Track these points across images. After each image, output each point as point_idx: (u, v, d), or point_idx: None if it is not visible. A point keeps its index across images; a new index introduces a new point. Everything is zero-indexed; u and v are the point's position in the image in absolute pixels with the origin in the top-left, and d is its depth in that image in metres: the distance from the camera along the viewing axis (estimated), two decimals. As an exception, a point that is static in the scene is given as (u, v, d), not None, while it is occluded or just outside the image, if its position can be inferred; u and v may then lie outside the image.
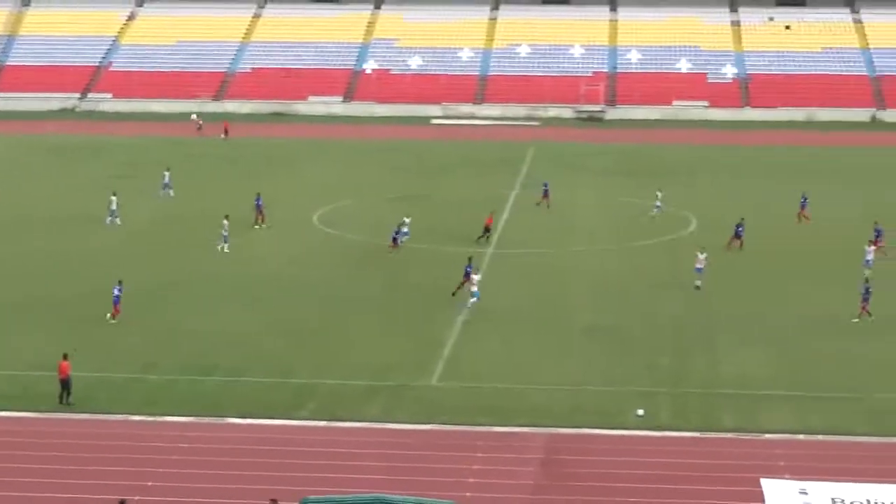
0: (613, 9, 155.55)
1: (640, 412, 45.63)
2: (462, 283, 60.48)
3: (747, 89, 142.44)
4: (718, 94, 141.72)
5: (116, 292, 57.09)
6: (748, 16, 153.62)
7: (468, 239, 73.42)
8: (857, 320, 57.83)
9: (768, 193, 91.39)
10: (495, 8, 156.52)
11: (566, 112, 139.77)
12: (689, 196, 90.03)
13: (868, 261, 66.69)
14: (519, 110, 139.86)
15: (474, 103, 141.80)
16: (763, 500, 32.95)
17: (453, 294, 60.53)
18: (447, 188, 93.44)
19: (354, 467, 40.63)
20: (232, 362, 51.41)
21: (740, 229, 72.89)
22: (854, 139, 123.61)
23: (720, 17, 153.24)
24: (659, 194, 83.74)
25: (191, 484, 39.36)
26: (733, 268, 67.74)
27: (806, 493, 32.72)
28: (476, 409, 46.16)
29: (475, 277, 59.83)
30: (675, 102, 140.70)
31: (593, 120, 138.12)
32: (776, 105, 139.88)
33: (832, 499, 32.32)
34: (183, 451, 42.08)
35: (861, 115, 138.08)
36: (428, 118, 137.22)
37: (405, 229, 72.83)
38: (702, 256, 63.89)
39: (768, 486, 33.72)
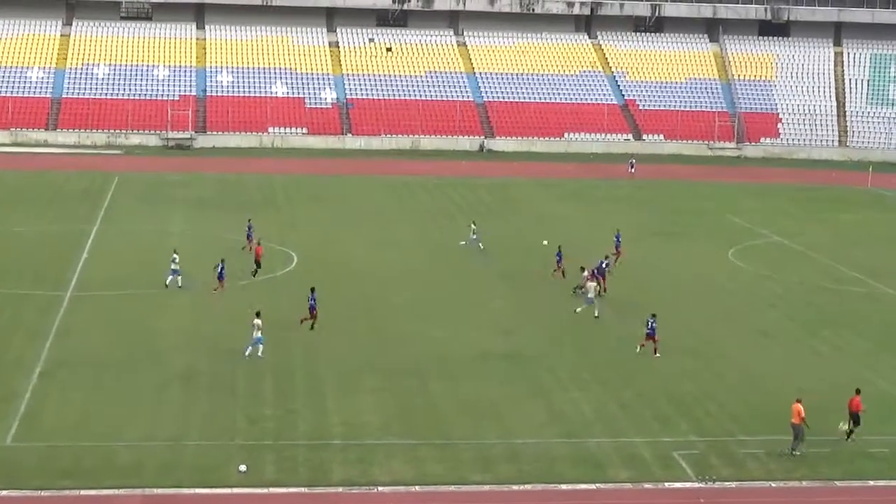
0: (200, 26, 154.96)
1: (243, 468, 45.46)
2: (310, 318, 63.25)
3: (348, 115, 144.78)
4: (318, 121, 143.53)
5: None
6: (347, 36, 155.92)
7: (46, 279, 71.45)
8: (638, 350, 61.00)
9: (380, 227, 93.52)
10: (68, 23, 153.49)
11: (151, 139, 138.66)
12: (288, 230, 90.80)
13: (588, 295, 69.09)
14: (98, 137, 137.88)
15: (47, 129, 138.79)
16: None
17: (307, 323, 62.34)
18: (18, 223, 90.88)
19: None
20: None
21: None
22: (462, 169, 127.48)
23: (316, 38, 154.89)
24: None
25: None
26: (343, 310, 68.54)
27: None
28: (58, 472, 44.88)
29: (257, 322, 59.02)
30: (270, 129, 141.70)
31: (181, 148, 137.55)
32: (379, 132, 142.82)
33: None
34: None
35: (469, 143, 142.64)
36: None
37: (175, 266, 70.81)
38: None
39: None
